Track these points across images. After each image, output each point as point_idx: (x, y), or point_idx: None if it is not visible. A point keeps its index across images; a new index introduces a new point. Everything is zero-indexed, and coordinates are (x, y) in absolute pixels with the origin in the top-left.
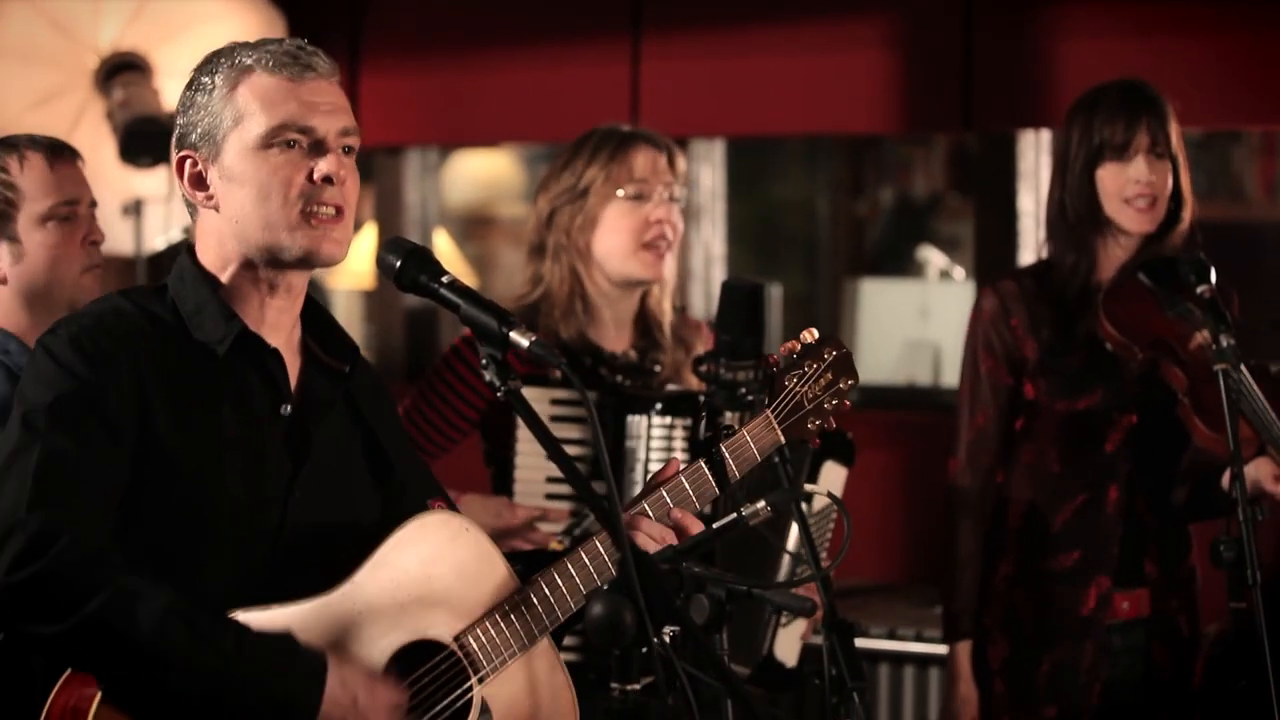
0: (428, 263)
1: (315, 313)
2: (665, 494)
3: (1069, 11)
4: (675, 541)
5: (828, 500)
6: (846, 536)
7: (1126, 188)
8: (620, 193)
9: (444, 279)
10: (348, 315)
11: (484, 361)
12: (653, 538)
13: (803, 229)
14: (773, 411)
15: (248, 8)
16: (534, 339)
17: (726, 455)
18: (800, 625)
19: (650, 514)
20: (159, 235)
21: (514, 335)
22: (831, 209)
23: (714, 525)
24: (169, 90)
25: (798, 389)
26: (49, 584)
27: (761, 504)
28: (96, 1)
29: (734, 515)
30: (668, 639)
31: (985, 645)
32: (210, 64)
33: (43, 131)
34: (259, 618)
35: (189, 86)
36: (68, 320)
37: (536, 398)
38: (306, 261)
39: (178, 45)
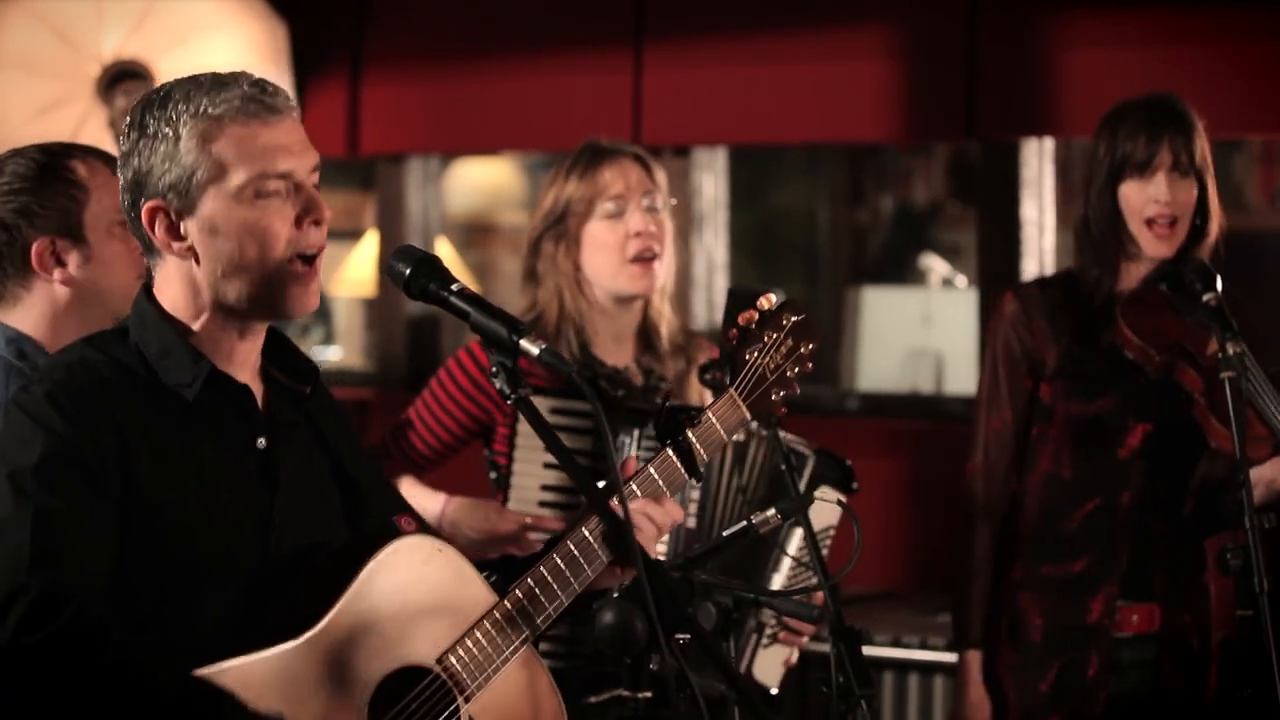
0: (437, 271)
1: (271, 335)
2: (635, 488)
3: (1073, 20)
4: (653, 530)
5: (821, 522)
6: (857, 546)
7: (1147, 206)
8: (597, 211)
9: (453, 287)
10: (348, 323)
11: (494, 369)
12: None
13: (804, 237)
14: (735, 389)
15: (250, 17)
16: (544, 347)
17: (694, 440)
18: (782, 650)
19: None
20: None
21: (524, 343)
22: (832, 217)
23: (724, 533)
24: None
25: (759, 361)
26: (60, 648)
27: (771, 512)
28: (99, 11)
29: (744, 524)
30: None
31: (994, 651)
32: (166, 109)
33: (44, 140)
34: (244, 665)
35: (141, 130)
36: (40, 376)
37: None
38: (283, 317)
39: (180, 54)
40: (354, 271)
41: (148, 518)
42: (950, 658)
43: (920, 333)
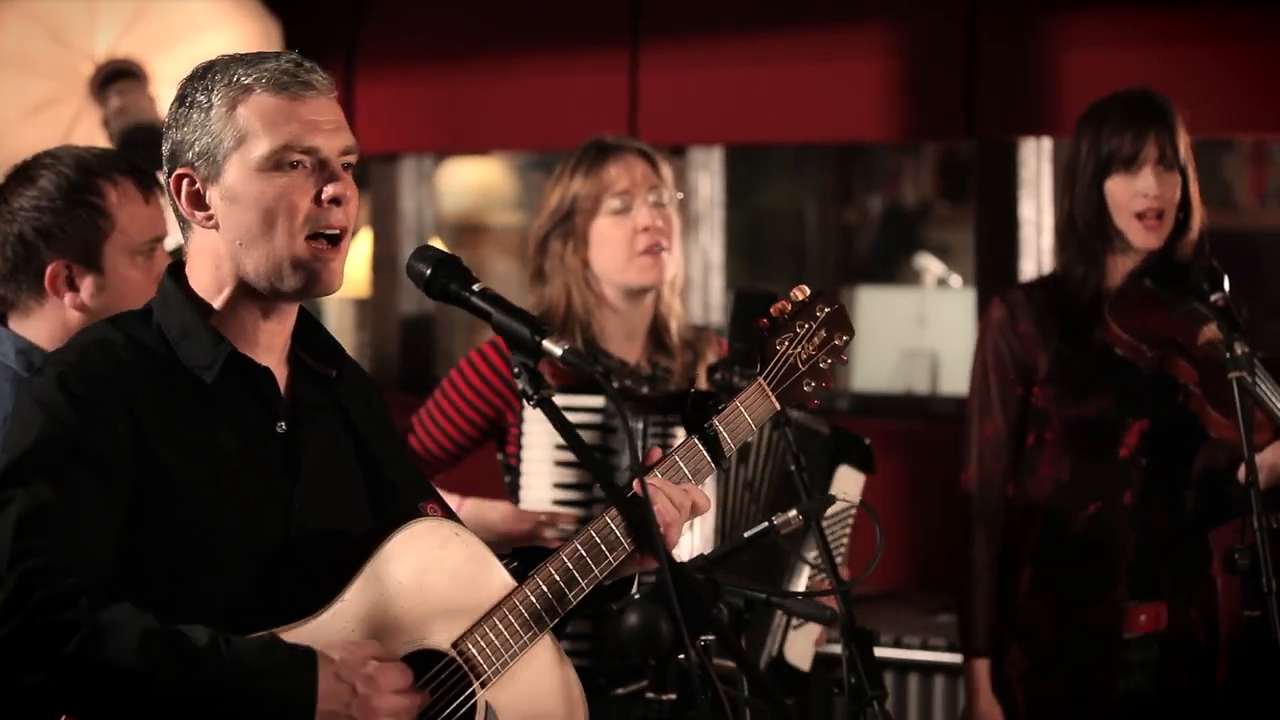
0: (458, 271)
1: (300, 318)
2: (660, 475)
3: (1071, 20)
4: (676, 514)
5: (853, 494)
6: (879, 548)
7: (1134, 201)
8: (604, 207)
9: (475, 287)
10: (340, 323)
11: (515, 370)
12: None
13: (793, 237)
14: (765, 378)
15: (245, 16)
16: (567, 347)
17: (720, 429)
18: (814, 629)
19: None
20: None
21: (547, 343)
22: (821, 217)
23: (745, 534)
24: (165, 98)
25: (790, 351)
26: (28, 636)
27: (793, 513)
28: (92, 10)
29: (765, 524)
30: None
31: (1003, 657)
32: (204, 80)
33: (38, 139)
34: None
35: (180, 101)
36: (53, 359)
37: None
38: (304, 294)
39: (174, 53)
40: (347, 271)
41: (164, 501)
42: (950, 658)
43: (915, 333)
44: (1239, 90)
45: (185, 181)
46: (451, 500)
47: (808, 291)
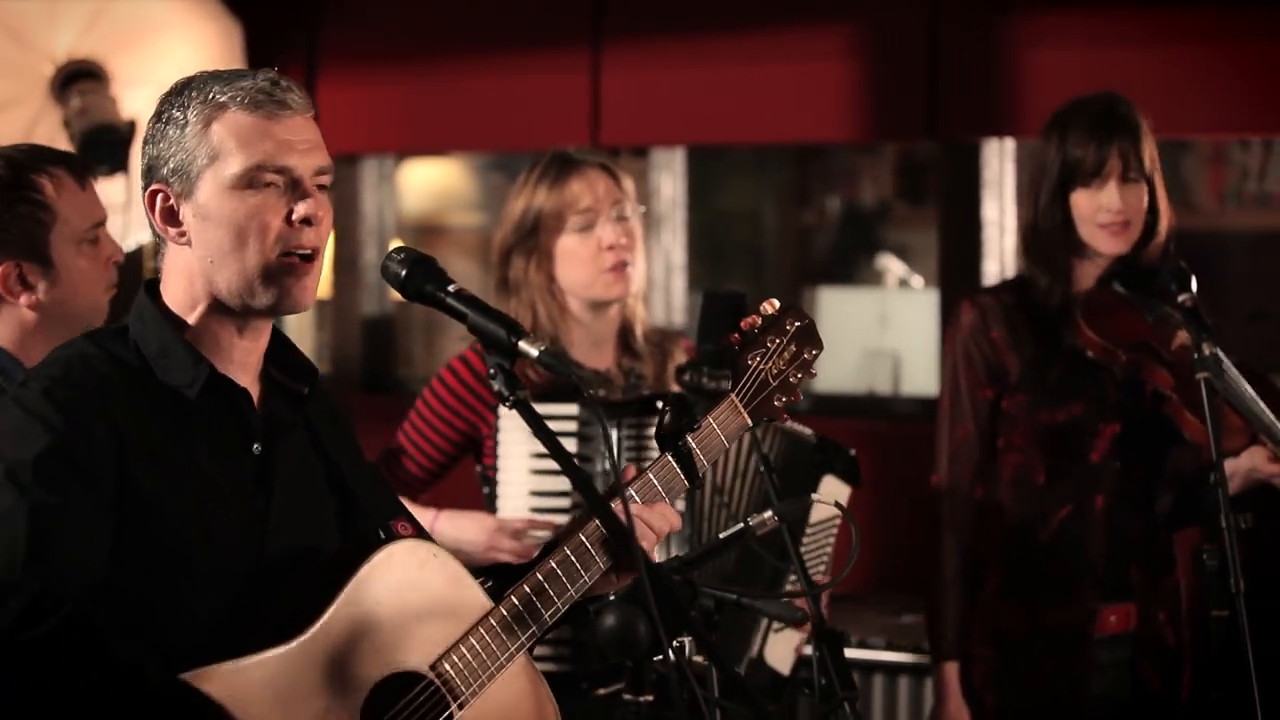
0: (434, 272)
1: (273, 335)
2: (634, 494)
3: (1034, 21)
4: (652, 536)
5: (826, 512)
6: (854, 549)
7: (1099, 214)
8: (568, 225)
9: (450, 288)
10: (301, 324)
11: (491, 371)
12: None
13: (753, 238)
14: (737, 394)
15: (205, 18)
16: (543, 348)
17: (694, 446)
18: (794, 635)
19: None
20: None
21: (523, 345)
22: (781, 218)
23: (721, 536)
24: (127, 98)
25: (761, 366)
26: (60, 646)
27: (769, 514)
28: (52, 11)
29: (740, 526)
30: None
31: (973, 658)
32: (181, 96)
33: None
34: (238, 668)
35: (158, 117)
36: (38, 372)
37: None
38: (275, 311)
39: (135, 53)
40: None
41: (142, 516)
42: (915, 659)
43: (876, 333)
44: (1198, 91)
45: (159, 197)
46: (428, 513)
47: (777, 305)
